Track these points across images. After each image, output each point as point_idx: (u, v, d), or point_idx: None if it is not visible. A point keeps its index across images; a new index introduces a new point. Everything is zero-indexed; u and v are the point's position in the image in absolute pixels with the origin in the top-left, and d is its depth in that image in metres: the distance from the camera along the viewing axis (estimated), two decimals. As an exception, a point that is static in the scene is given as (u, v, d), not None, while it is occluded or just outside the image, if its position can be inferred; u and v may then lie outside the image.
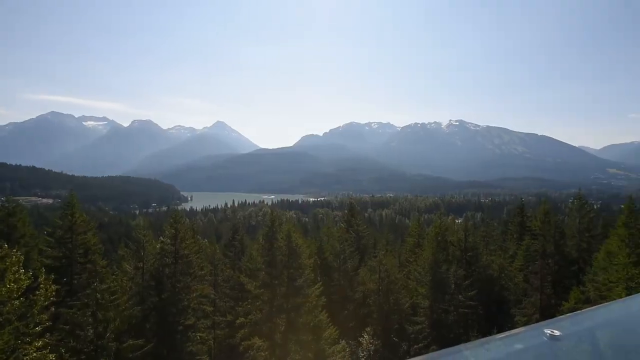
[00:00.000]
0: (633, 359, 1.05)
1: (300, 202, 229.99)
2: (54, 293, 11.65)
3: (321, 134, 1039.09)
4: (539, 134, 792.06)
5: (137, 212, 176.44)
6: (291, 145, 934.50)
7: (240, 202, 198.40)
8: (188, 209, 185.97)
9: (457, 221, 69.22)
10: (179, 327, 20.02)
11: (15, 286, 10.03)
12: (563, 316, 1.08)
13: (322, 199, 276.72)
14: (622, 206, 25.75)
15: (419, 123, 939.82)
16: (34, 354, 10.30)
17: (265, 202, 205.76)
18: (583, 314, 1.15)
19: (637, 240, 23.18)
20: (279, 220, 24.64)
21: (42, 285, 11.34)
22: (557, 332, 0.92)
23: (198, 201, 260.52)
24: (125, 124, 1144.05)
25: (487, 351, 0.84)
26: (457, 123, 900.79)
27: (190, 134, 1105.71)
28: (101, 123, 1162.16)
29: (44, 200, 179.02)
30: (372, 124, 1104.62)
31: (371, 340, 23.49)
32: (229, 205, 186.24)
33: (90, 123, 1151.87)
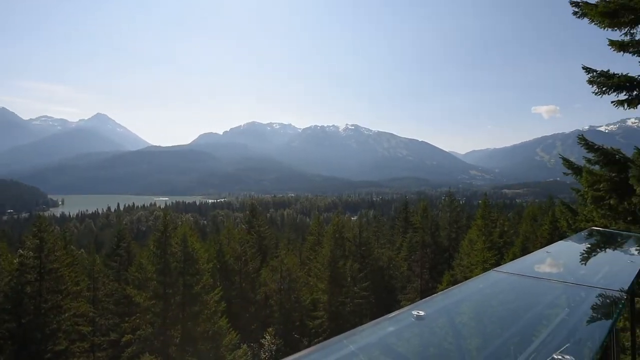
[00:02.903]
0: (482, 327, 1.30)
1: (198, 203, 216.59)
2: None
3: (221, 133, 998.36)
4: (419, 140, 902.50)
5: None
6: (188, 143, 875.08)
7: (127, 205, 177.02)
8: (58, 215, 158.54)
9: (352, 219, 74.33)
10: (45, 354, 16.95)
11: None
12: (427, 298, 1.28)
13: (222, 200, 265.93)
14: (480, 202, 31.24)
15: (318, 125, 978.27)
16: None
17: (158, 205, 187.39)
18: (443, 294, 1.38)
19: (490, 230, 28.41)
20: (174, 224, 22.85)
21: None
22: (422, 313, 1.08)
23: (72, 205, 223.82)
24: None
25: (366, 337, 0.94)
26: (353, 127, 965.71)
27: (62, 127, 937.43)
28: None
29: None
30: (274, 125, 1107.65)
31: (273, 340, 23.54)
32: (112, 209, 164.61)
33: None
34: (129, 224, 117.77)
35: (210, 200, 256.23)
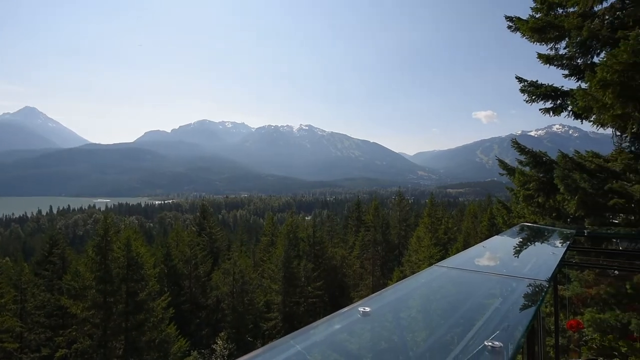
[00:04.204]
0: (424, 320, 1.36)
1: (143, 205, 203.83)
2: None
3: (169, 131, 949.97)
4: (371, 141, 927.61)
5: None
6: (132, 140, 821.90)
7: (61, 208, 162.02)
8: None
9: (306, 218, 74.66)
10: (-40, 378, 14.96)
11: None
12: (373, 294, 1.33)
13: (170, 201, 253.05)
14: (427, 201, 32.88)
15: (272, 125, 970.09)
16: None
17: (97, 207, 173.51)
18: (388, 290, 1.44)
19: (436, 227, 30.02)
20: (116, 228, 21.36)
21: None
22: (367, 309, 1.12)
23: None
24: None
25: (312, 336, 0.95)
26: (307, 127, 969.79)
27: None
28: None
29: None
30: (227, 123, 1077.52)
31: (225, 345, 22.90)
32: (44, 213, 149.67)
33: None
34: (63, 229, 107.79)
35: (157, 202, 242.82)
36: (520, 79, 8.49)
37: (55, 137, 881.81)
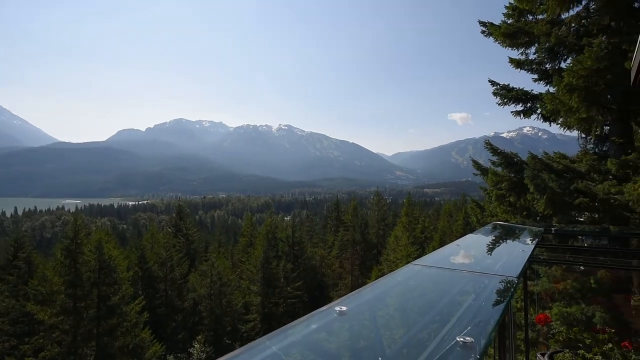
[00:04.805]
0: (400, 317, 1.38)
1: (116, 206, 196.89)
2: None
3: (143, 130, 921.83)
4: (350, 141, 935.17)
5: None
6: (104, 139, 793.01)
7: (27, 209, 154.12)
8: None
9: (286, 219, 74.27)
10: None
11: None
12: (350, 293, 1.34)
13: (145, 202, 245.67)
14: (405, 200, 33.40)
15: (251, 125, 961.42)
16: None
17: (67, 209, 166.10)
18: (365, 289, 1.45)
19: (413, 226, 30.57)
20: (86, 230, 20.55)
21: None
22: (344, 308, 1.12)
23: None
24: None
25: (288, 336, 0.95)
26: (286, 127, 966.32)
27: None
28: None
29: None
30: (204, 122, 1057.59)
31: (202, 349, 22.47)
32: (7, 214, 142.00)
33: None
34: (29, 231, 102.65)
35: (130, 203, 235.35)
36: (493, 83, 8.78)
37: (21, 135, 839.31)
